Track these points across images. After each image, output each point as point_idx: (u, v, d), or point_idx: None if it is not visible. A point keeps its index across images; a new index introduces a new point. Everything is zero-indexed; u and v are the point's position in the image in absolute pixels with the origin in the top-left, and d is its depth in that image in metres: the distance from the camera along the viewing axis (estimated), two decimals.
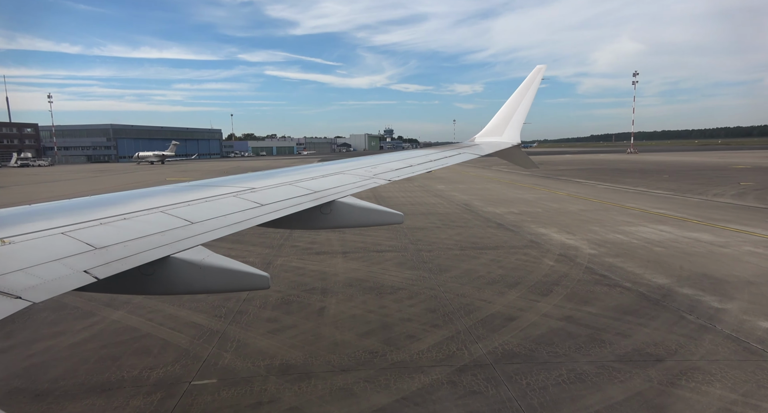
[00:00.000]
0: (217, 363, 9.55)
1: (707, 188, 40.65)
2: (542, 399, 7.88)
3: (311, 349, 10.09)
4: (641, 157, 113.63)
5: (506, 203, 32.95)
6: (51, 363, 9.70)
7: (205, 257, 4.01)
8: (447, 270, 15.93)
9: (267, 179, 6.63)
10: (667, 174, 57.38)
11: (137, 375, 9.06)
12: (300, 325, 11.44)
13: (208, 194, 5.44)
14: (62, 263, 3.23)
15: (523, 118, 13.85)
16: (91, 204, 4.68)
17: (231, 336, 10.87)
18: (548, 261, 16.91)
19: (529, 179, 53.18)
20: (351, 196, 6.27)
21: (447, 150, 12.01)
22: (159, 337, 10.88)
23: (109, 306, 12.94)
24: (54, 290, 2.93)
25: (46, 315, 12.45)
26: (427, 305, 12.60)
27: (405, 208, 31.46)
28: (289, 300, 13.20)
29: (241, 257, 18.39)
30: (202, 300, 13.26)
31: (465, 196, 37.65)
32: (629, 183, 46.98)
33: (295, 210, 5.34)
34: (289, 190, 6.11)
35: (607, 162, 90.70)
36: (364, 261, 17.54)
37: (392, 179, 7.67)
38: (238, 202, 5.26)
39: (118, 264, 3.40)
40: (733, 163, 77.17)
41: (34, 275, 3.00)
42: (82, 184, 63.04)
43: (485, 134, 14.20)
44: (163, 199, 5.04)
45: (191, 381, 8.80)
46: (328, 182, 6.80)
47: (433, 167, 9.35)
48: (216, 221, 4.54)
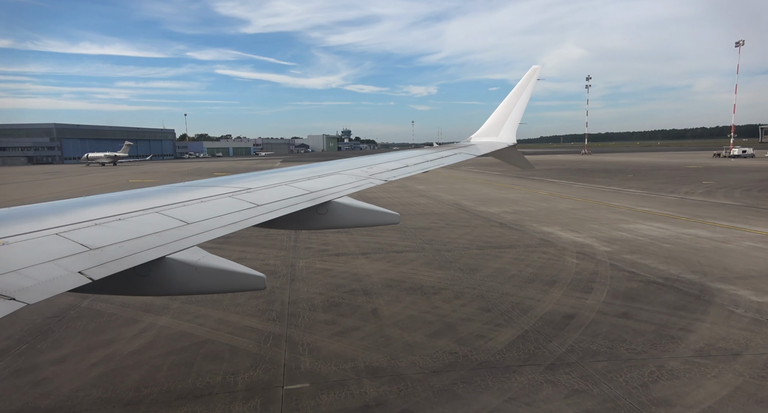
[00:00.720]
0: (298, 366, 9.26)
1: (675, 186, 42.59)
2: (648, 396, 7.99)
3: (387, 351, 9.91)
4: (596, 157, 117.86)
5: (495, 203, 33.43)
6: (122, 372, 9.18)
7: (200, 258, 3.98)
8: (478, 270, 15.99)
9: (263, 179, 6.60)
10: (631, 174, 59.75)
11: (222, 381, 8.71)
12: (362, 327, 11.23)
13: (204, 194, 5.39)
14: (57, 264, 3.20)
15: (519, 119, 14.03)
16: (86, 204, 4.63)
17: (297, 339, 10.55)
18: (570, 259, 17.25)
19: (503, 179, 54.22)
20: (347, 197, 6.27)
21: (443, 150, 12.06)
22: (222, 342, 10.44)
23: (149, 312, 12.31)
24: (48, 291, 2.90)
25: (83, 322, 11.74)
26: (478, 304, 12.61)
27: (397, 208, 31.36)
28: (336, 303, 12.93)
29: (259, 260, 17.90)
30: (244, 303, 12.83)
31: (451, 196, 37.97)
32: (600, 182, 48.65)
33: (291, 211, 5.32)
34: (286, 190, 6.08)
35: (567, 162, 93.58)
36: (388, 261, 17.39)
37: (389, 179, 7.70)
38: (233, 202, 5.24)
39: (113, 265, 3.38)
40: (686, 163, 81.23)
41: (28, 276, 2.97)
42: (36, 188, 59.74)
43: (481, 134, 14.32)
44: (158, 199, 5.00)
45: (283, 386, 8.50)
46: (324, 182, 6.80)
47: (429, 167, 9.35)
48: (212, 221, 4.53)
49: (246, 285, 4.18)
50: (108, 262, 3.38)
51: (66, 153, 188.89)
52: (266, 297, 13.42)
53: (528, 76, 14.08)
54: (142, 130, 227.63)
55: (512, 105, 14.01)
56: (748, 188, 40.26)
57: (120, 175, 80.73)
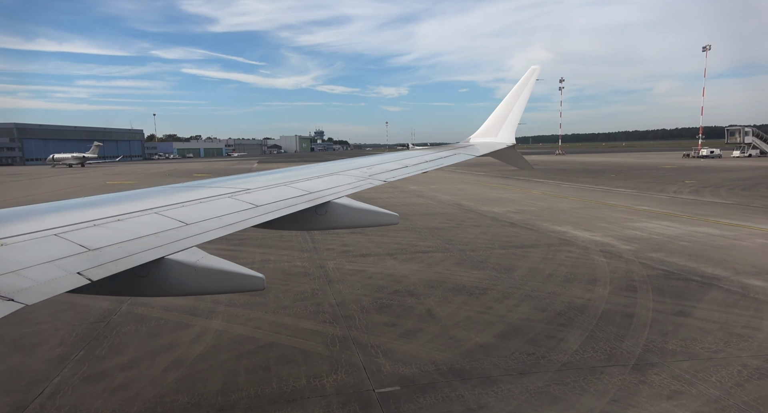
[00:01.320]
0: (379, 369, 9.03)
1: (662, 186, 43.64)
2: (751, 396, 7.96)
3: (462, 352, 9.73)
4: (571, 158, 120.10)
5: (495, 203, 33.56)
6: (197, 376, 8.84)
7: (199, 258, 3.98)
8: (512, 269, 15.92)
9: (262, 180, 6.64)
10: (613, 174, 61.02)
11: (309, 385, 8.47)
12: (424, 329, 11.00)
13: (203, 195, 5.40)
14: (55, 265, 3.20)
15: (518, 119, 14.04)
16: (85, 205, 4.65)
17: (364, 341, 10.29)
18: (598, 257, 17.36)
19: (490, 179, 54.57)
20: (346, 197, 6.27)
21: (442, 151, 12.02)
22: (288, 345, 10.14)
23: (196, 315, 11.85)
24: (47, 292, 2.91)
25: (133, 327, 11.21)
26: (531, 304, 12.51)
27: (398, 209, 31.18)
28: (386, 304, 12.66)
29: (285, 261, 17.47)
30: (291, 306, 12.51)
31: (448, 197, 37.97)
32: (586, 182, 49.48)
33: (290, 211, 5.34)
34: (285, 191, 6.09)
35: (546, 163, 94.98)
36: (418, 262, 17.17)
37: (388, 180, 7.72)
38: (233, 203, 5.24)
39: (112, 265, 3.39)
40: (660, 163, 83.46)
41: (27, 277, 2.97)
42: (7, 191, 57.33)
43: (480, 135, 14.30)
44: (157, 200, 5.01)
45: (375, 390, 8.23)
46: (323, 183, 6.82)
47: (428, 168, 9.34)
48: (211, 222, 4.54)
49: (245, 286, 4.14)
50: (107, 263, 3.38)
51: (27, 154, 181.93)
52: (311, 300, 13.06)
53: (527, 76, 14.08)
54: (110, 130, 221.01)
55: (511, 105, 13.98)
56: (731, 187, 41.53)
57: (93, 177, 78.20)
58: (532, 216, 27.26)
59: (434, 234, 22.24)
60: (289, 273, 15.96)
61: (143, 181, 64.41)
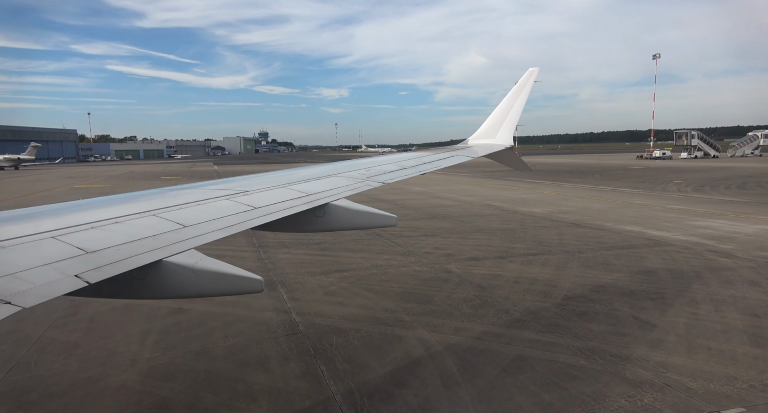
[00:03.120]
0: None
1: (661, 185, 44.86)
2: None
3: (733, 371, 8.75)
4: (533, 159, 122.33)
5: (523, 203, 33.06)
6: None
7: (197, 261, 3.97)
8: (652, 272, 15.21)
9: (260, 182, 6.70)
10: (596, 174, 62.54)
11: None
12: (642, 337, 9.96)
13: (201, 197, 5.44)
14: (52, 267, 3.20)
15: (516, 120, 13.84)
16: (82, 207, 4.68)
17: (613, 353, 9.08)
18: (711, 256, 17.05)
19: (488, 181, 54.30)
20: (345, 199, 6.34)
21: (440, 152, 11.82)
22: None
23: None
24: (44, 295, 2.91)
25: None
26: (736, 310, 11.78)
27: (431, 211, 30.11)
28: (581, 311, 11.55)
29: (365, 262, 15.90)
30: (477, 315, 11.07)
31: (468, 198, 37.13)
32: (580, 182, 50.15)
33: (288, 213, 5.40)
34: (283, 192, 6.16)
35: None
36: (541, 265, 16.18)
37: (386, 181, 7.73)
38: (231, 205, 5.28)
39: (110, 268, 3.40)
40: (624, 164, 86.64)
41: (24, 280, 2.97)
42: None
43: (478, 136, 14.03)
44: (155, 202, 5.05)
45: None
46: (321, 185, 6.90)
47: (426, 170, 9.31)
48: (209, 224, 4.57)
49: (243, 288, 4.10)
50: (104, 266, 3.39)
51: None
52: (497, 307, 11.71)
53: (525, 77, 13.81)
54: (39, 129, 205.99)
55: (510, 107, 13.65)
56: (726, 186, 43.20)
57: (49, 181, 71.98)
58: (584, 216, 26.86)
59: (512, 236, 21.34)
60: (422, 278, 14.55)
61: (115, 184, 59.76)
